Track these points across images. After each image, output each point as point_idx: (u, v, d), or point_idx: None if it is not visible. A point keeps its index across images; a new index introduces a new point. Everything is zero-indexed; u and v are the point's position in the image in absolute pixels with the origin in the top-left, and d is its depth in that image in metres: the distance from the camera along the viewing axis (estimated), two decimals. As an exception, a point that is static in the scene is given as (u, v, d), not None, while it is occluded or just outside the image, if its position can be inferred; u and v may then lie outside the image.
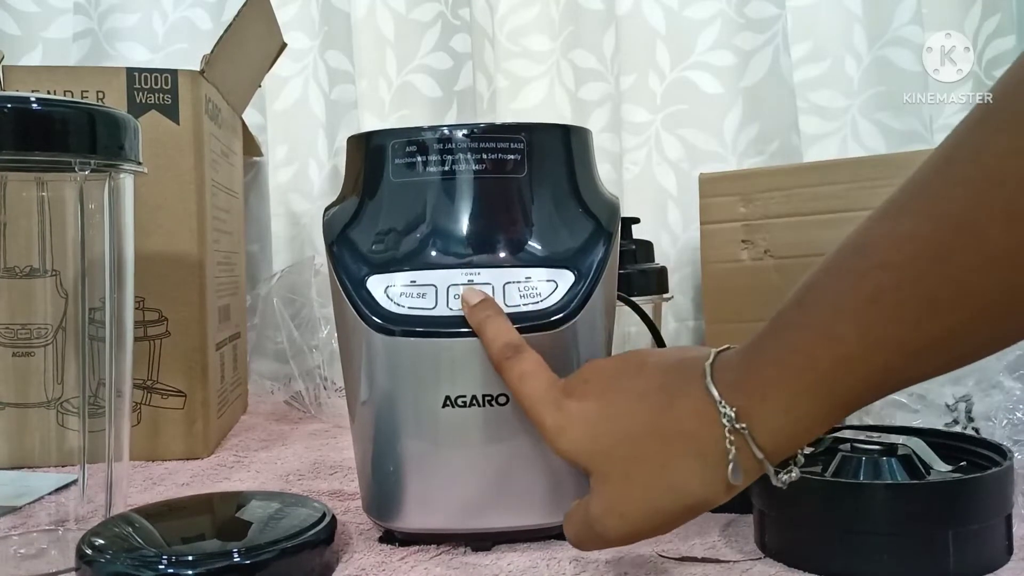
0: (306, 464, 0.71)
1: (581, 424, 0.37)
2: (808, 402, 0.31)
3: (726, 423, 0.33)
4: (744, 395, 0.33)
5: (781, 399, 0.32)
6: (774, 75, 1.05)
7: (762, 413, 0.32)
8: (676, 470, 0.34)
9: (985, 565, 0.44)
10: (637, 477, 0.35)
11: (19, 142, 0.46)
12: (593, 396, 0.38)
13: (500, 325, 0.44)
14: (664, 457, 0.34)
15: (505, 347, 0.43)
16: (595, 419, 0.37)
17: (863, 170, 0.83)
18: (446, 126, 0.50)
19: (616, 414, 0.36)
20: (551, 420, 0.38)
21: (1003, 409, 0.60)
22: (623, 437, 0.36)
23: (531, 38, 1.11)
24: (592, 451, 0.37)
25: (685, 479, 0.34)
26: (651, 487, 0.35)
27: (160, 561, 0.42)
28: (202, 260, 0.74)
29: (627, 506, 0.35)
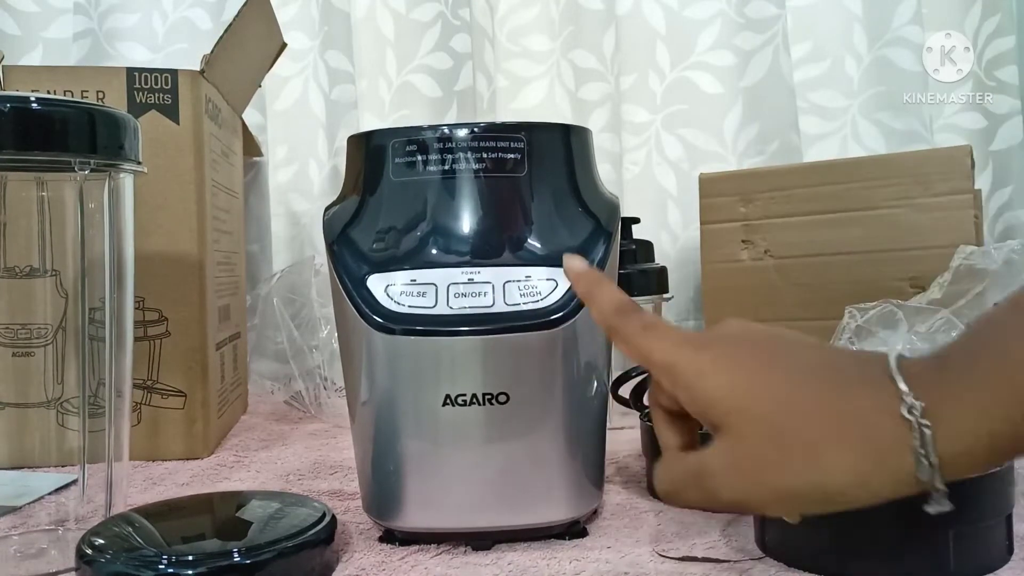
0: (306, 464, 0.71)
1: (729, 374, 0.33)
2: (1004, 413, 0.29)
3: (911, 416, 0.30)
4: (936, 392, 0.30)
5: (977, 403, 0.29)
6: (774, 75, 1.06)
7: (952, 415, 0.29)
8: (833, 458, 0.31)
9: (985, 565, 0.44)
10: (788, 449, 0.32)
11: (19, 142, 0.46)
12: (748, 345, 0.34)
13: (613, 289, 0.40)
14: (824, 440, 0.31)
15: (623, 304, 0.38)
16: (751, 370, 0.33)
17: (863, 170, 0.83)
18: (446, 125, 0.50)
19: (776, 379, 0.33)
20: (690, 361, 0.34)
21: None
22: (781, 405, 0.32)
23: (531, 38, 1.11)
24: (741, 405, 0.33)
25: (840, 470, 0.31)
26: (800, 463, 0.31)
27: (160, 561, 0.42)
28: (202, 260, 0.74)
29: (760, 472, 0.32)
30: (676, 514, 0.55)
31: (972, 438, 0.29)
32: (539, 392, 0.47)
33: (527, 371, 0.47)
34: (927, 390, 0.30)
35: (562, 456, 0.48)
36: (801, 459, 0.31)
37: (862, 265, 0.83)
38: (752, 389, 0.33)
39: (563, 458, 0.48)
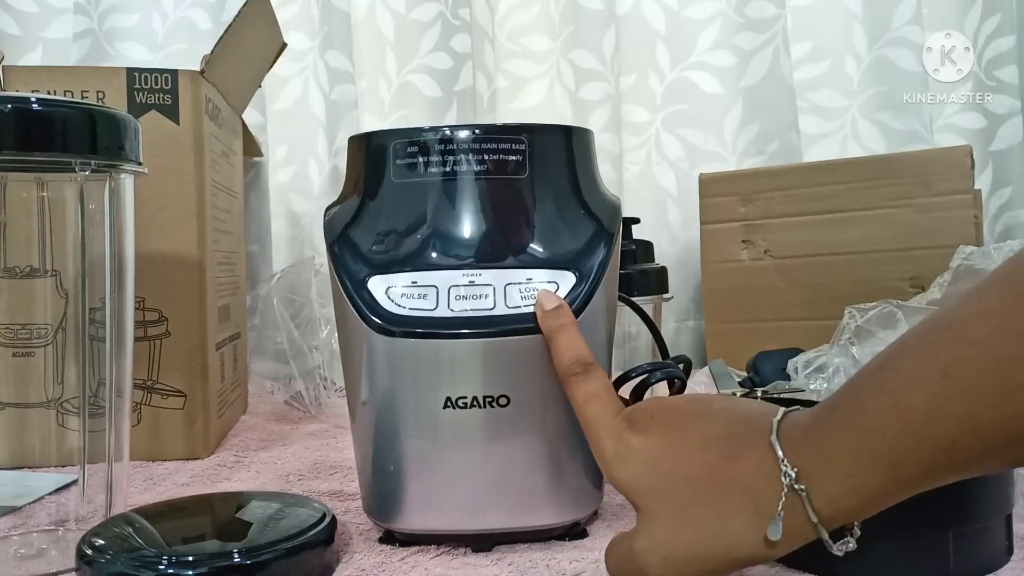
0: (306, 464, 0.71)
1: (641, 459, 0.37)
2: (871, 471, 0.31)
3: (785, 482, 0.32)
4: (807, 456, 0.32)
5: (845, 464, 0.31)
6: (774, 75, 1.06)
7: (824, 476, 0.32)
8: (731, 522, 0.34)
9: (985, 565, 0.44)
10: (690, 522, 0.35)
11: (19, 142, 0.46)
12: (657, 433, 0.38)
13: (572, 337, 0.44)
14: (721, 507, 0.34)
15: (575, 363, 0.42)
16: (657, 457, 0.37)
17: (863, 170, 0.83)
18: (447, 126, 0.50)
19: (678, 456, 0.36)
20: (612, 449, 0.38)
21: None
22: (683, 481, 0.35)
23: (531, 38, 1.11)
24: (648, 488, 0.36)
25: (738, 532, 0.34)
26: (702, 534, 0.34)
27: (160, 561, 0.42)
28: (202, 260, 0.74)
29: (673, 549, 0.35)
30: (676, 515, 0.55)
31: (848, 495, 0.32)
32: (540, 395, 0.47)
33: (528, 374, 0.47)
34: (801, 453, 0.32)
35: (562, 458, 0.48)
36: (709, 529, 0.34)
37: (862, 265, 0.83)
38: (658, 473, 0.36)
39: (563, 460, 0.48)
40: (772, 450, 0.33)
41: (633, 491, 0.37)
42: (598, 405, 0.40)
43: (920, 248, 0.81)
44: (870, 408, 0.31)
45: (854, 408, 0.32)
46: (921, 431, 0.29)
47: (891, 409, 0.30)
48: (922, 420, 0.29)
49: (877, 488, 0.31)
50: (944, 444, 0.29)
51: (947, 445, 0.29)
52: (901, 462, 0.30)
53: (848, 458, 0.31)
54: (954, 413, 0.29)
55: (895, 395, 0.30)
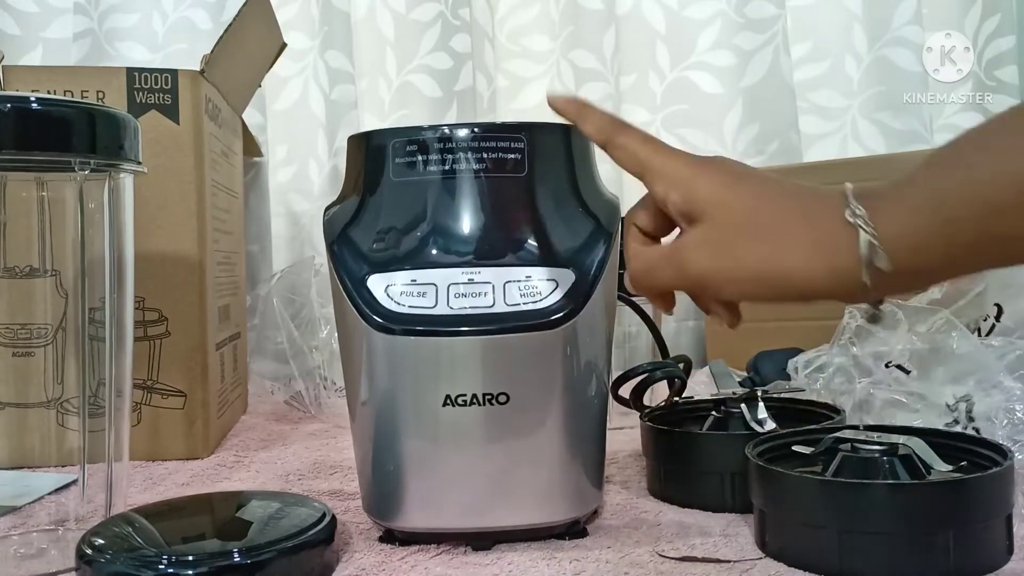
0: (306, 464, 0.71)
1: (719, 174, 0.39)
2: (927, 223, 0.33)
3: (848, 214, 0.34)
4: (871, 204, 0.35)
5: (903, 212, 0.34)
6: (774, 75, 1.06)
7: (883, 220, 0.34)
8: (789, 246, 0.36)
9: (985, 565, 0.44)
10: (748, 234, 0.37)
11: (19, 142, 0.46)
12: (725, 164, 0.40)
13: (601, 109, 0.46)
14: (785, 232, 0.36)
15: (616, 120, 0.45)
16: (734, 177, 0.39)
17: (863, 170, 0.83)
18: (447, 125, 0.50)
19: (749, 181, 0.39)
20: (687, 164, 0.40)
21: (1003, 409, 0.60)
22: (752, 197, 0.38)
23: (531, 38, 1.11)
24: (722, 199, 0.38)
25: (793, 255, 0.36)
26: (757, 248, 0.37)
27: (160, 561, 0.42)
28: (202, 260, 0.74)
29: (724, 250, 0.38)
30: (676, 514, 0.55)
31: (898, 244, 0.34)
32: (539, 392, 0.47)
33: (527, 371, 0.47)
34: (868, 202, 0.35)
35: (562, 456, 0.48)
36: (763, 245, 0.37)
37: (862, 265, 0.83)
38: (733, 188, 0.39)
39: (563, 458, 0.48)
40: (840, 195, 0.35)
41: (705, 199, 0.39)
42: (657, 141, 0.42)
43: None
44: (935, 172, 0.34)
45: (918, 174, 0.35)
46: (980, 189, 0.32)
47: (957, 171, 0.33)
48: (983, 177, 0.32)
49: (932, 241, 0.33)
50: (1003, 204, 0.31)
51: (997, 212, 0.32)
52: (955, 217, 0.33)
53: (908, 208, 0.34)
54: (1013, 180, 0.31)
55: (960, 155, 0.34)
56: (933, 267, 0.34)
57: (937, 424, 0.61)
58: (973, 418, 0.62)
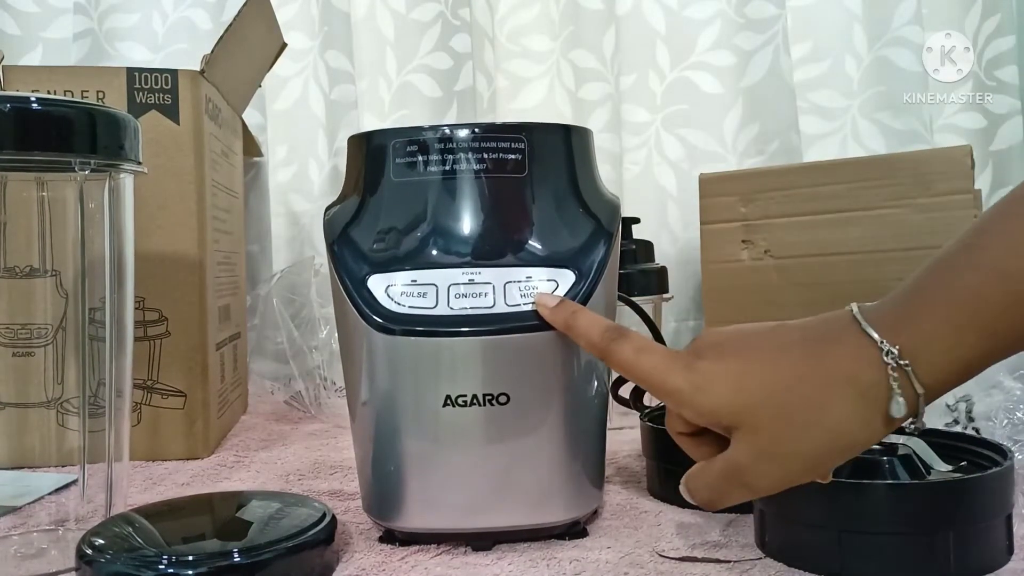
0: (306, 464, 0.71)
1: (724, 380, 0.37)
2: (974, 340, 0.32)
3: (889, 360, 0.33)
4: (907, 335, 0.33)
5: (948, 337, 0.33)
6: (774, 75, 1.05)
7: (928, 351, 0.33)
8: (835, 412, 0.34)
9: (985, 565, 0.44)
10: (794, 422, 0.35)
11: (19, 142, 0.46)
12: (731, 356, 0.37)
13: (591, 316, 0.44)
14: (822, 400, 0.35)
15: (607, 330, 0.42)
16: (738, 374, 0.37)
17: (863, 170, 0.83)
18: (447, 125, 0.50)
19: (762, 368, 0.36)
20: (686, 381, 0.37)
21: (1003, 409, 0.60)
22: (774, 387, 0.36)
23: (531, 38, 1.11)
24: (740, 404, 0.36)
25: (845, 420, 0.34)
26: (810, 430, 0.35)
27: (160, 561, 0.42)
28: (202, 260, 0.74)
29: (783, 450, 0.35)
30: (676, 514, 0.55)
31: (952, 365, 0.33)
32: (539, 393, 0.47)
33: (527, 372, 0.47)
34: (899, 334, 0.34)
35: (562, 456, 0.48)
36: (816, 424, 0.35)
37: (863, 265, 0.83)
38: (746, 387, 0.36)
39: (563, 458, 0.48)
40: (866, 336, 0.34)
41: (725, 414, 0.36)
42: (653, 353, 0.39)
43: (920, 248, 0.81)
44: (970, 282, 0.33)
45: (951, 283, 0.33)
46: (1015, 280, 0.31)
47: (994, 279, 0.32)
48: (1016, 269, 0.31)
49: (978, 356, 0.33)
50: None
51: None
52: (1002, 328, 0.32)
53: (951, 331, 0.33)
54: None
55: (996, 265, 0.32)
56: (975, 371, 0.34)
57: (937, 424, 0.61)
58: (973, 418, 0.62)
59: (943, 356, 0.33)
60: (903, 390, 0.33)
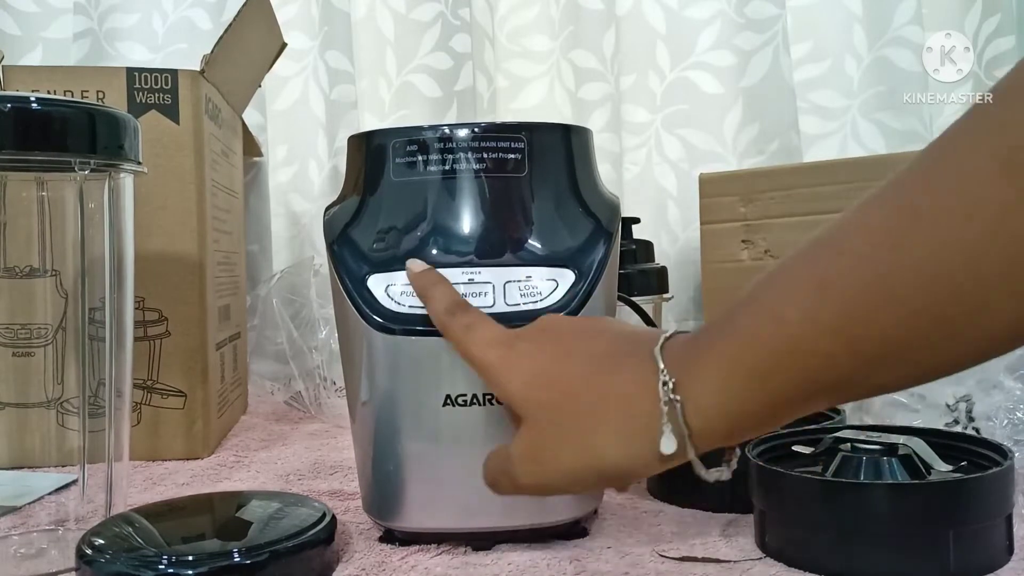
0: (306, 464, 0.71)
1: (527, 368, 0.37)
2: (744, 385, 0.30)
3: (662, 392, 0.31)
4: (685, 368, 0.32)
5: (717, 377, 0.31)
6: (774, 75, 1.05)
7: (697, 389, 0.31)
8: (603, 434, 0.33)
9: (986, 565, 0.44)
10: (564, 431, 0.34)
11: (19, 142, 0.46)
12: (545, 346, 0.37)
13: (446, 288, 0.44)
14: (595, 418, 0.33)
15: (452, 304, 0.42)
16: (542, 366, 0.36)
17: (863, 170, 0.83)
18: (447, 125, 0.50)
19: (562, 366, 0.36)
20: (498, 358, 0.37)
21: (1004, 409, 0.60)
22: (562, 392, 0.35)
23: (531, 38, 1.11)
24: (531, 396, 0.36)
25: (611, 444, 0.33)
26: (574, 445, 0.34)
27: (160, 561, 0.42)
28: (202, 260, 0.74)
29: (546, 456, 0.35)
30: (676, 514, 0.55)
31: (718, 410, 0.31)
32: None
33: (527, 371, 0.47)
34: (680, 365, 0.32)
35: (562, 456, 0.48)
36: (577, 442, 0.34)
37: (862, 265, 0.83)
38: (544, 381, 0.36)
39: (563, 458, 0.48)
40: (653, 361, 0.32)
41: (517, 400, 0.36)
42: (480, 328, 0.40)
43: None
44: (746, 321, 0.30)
45: (732, 321, 0.31)
46: (796, 345, 0.29)
47: (767, 322, 0.30)
48: (797, 333, 0.29)
49: (749, 405, 0.30)
50: (818, 360, 0.28)
51: (821, 362, 0.28)
52: (773, 377, 0.29)
53: (721, 370, 0.31)
54: (829, 326, 0.28)
55: (771, 308, 0.30)
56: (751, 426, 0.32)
57: (937, 424, 0.61)
58: (973, 418, 0.62)
59: (711, 398, 0.31)
60: (673, 426, 0.31)
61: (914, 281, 0.26)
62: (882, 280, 0.27)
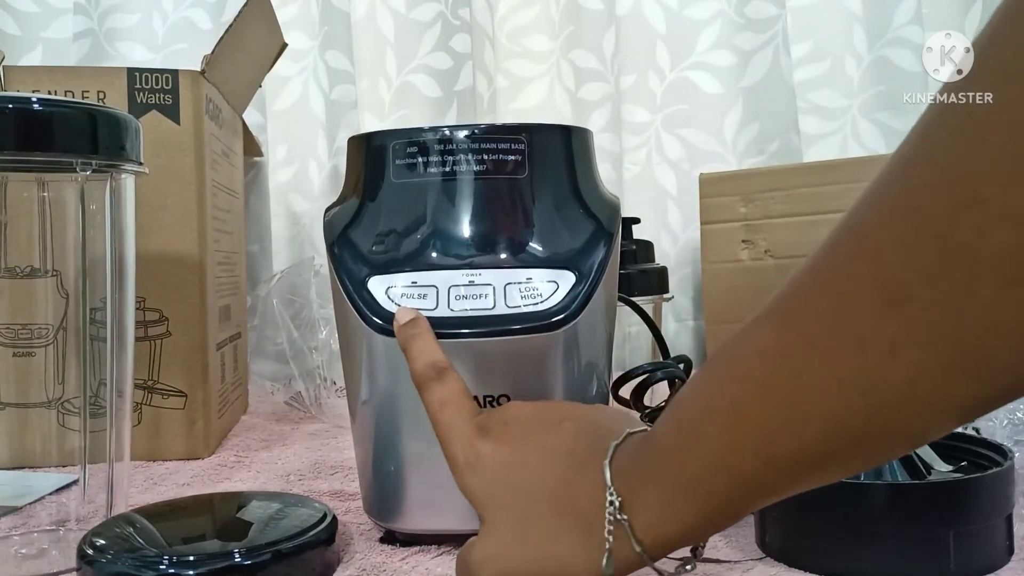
0: (307, 464, 0.71)
1: (491, 468, 0.36)
2: (682, 502, 0.31)
3: (610, 511, 0.32)
4: (629, 486, 0.32)
5: (658, 495, 0.31)
6: (774, 75, 1.06)
7: (643, 506, 0.32)
8: (563, 544, 0.33)
9: (986, 565, 0.44)
10: (525, 538, 0.34)
11: (20, 142, 0.46)
12: (507, 441, 0.37)
13: (427, 344, 0.42)
14: (556, 529, 0.34)
15: (429, 367, 0.41)
16: (504, 467, 0.36)
17: (863, 170, 0.83)
18: (447, 127, 0.50)
19: (524, 468, 0.36)
20: (463, 456, 0.37)
21: (1003, 409, 0.60)
22: (523, 494, 0.35)
23: (531, 38, 1.11)
24: (492, 498, 0.36)
25: (571, 555, 0.33)
26: (535, 552, 0.34)
27: (161, 561, 0.42)
28: (202, 260, 0.74)
29: (506, 563, 0.34)
30: (676, 514, 0.55)
31: (664, 526, 0.31)
32: (540, 394, 0.47)
33: (528, 373, 0.47)
34: (626, 482, 0.32)
35: (563, 457, 0.48)
36: (543, 549, 0.33)
37: (862, 265, 0.83)
38: (503, 481, 0.36)
39: (564, 459, 0.48)
40: (603, 476, 0.33)
41: (478, 500, 0.36)
42: (452, 411, 0.39)
43: (920, 248, 0.81)
44: (674, 441, 0.31)
45: (662, 440, 0.32)
46: (723, 463, 0.29)
47: (692, 442, 0.30)
48: (722, 452, 0.29)
49: (693, 518, 0.31)
50: (746, 476, 0.29)
51: (749, 477, 0.29)
52: (709, 492, 0.30)
53: (660, 489, 0.31)
54: (749, 446, 0.29)
55: (694, 429, 0.30)
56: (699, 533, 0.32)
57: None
58: (973, 418, 0.62)
59: (654, 515, 0.31)
60: (620, 543, 0.32)
61: (817, 407, 0.27)
62: (787, 407, 0.27)
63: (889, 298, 0.25)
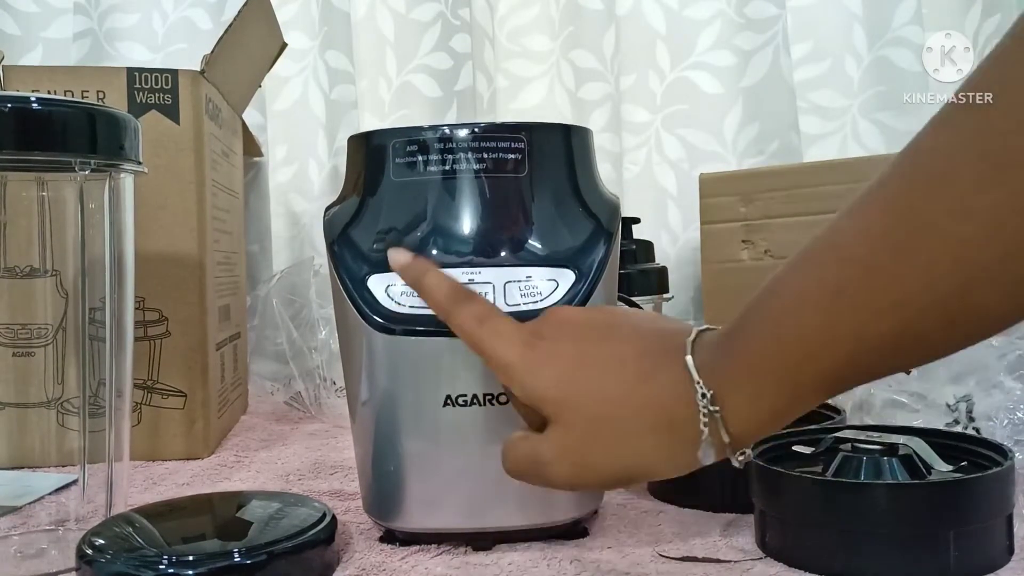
0: (306, 464, 0.71)
1: (556, 368, 0.36)
2: (774, 392, 0.32)
3: (702, 405, 0.33)
4: (718, 379, 0.33)
5: (750, 387, 0.32)
6: (774, 75, 1.05)
7: (733, 399, 0.33)
8: (645, 441, 0.34)
9: (986, 565, 0.44)
10: (604, 438, 0.35)
11: (19, 142, 0.46)
12: (570, 342, 0.37)
13: (439, 275, 0.41)
14: (636, 426, 0.34)
15: (452, 292, 0.40)
16: (571, 365, 0.36)
17: (863, 170, 0.83)
18: (447, 125, 0.50)
19: (594, 370, 0.36)
20: (520, 357, 0.37)
21: (1004, 409, 0.60)
22: (599, 396, 0.35)
23: (531, 38, 1.11)
24: (563, 397, 0.35)
25: (652, 451, 0.34)
26: (617, 451, 0.35)
27: (160, 561, 0.42)
28: (202, 260, 0.74)
29: (585, 459, 0.35)
30: (676, 514, 0.55)
31: (755, 416, 0.33)
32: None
33: (528, 371, 0.47)
34: (714, 377, 0.33)
35: (562, 456, 0.48)
36: (623, 447, 0.34)
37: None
38: (575, 384, 0.36)
39: (563, 458, 0.48)
40: (687, 371, 0.33)
41: (548, 402, 0.36)
42: (494, 321, 0.38)
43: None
44: (767, 331, 0.32)
45: (753, 333, 0.33)
46: (819, 351, 0.31)
47: (789, 332, 0.31)
48: (818, 340, 0.30)
49: (783, 405, 0.32)
50: (841, 360, 0.30)
51: (844, 360, 0.30)
52: (800, 381, 0.31)
53: (753, 382, 0.32)
54: (849, 330, 0.30)
55: (791, 319, 0.31)
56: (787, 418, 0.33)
57: (937, 424, 0.61)
58: (973, 418, 0.62)
59: (747, 405, 0.32)
60: (713, 436, 0.33)
61: (918, 284, 0.28)
62: (890, 286, 0.29)
63: (996, 166, 0.26)
